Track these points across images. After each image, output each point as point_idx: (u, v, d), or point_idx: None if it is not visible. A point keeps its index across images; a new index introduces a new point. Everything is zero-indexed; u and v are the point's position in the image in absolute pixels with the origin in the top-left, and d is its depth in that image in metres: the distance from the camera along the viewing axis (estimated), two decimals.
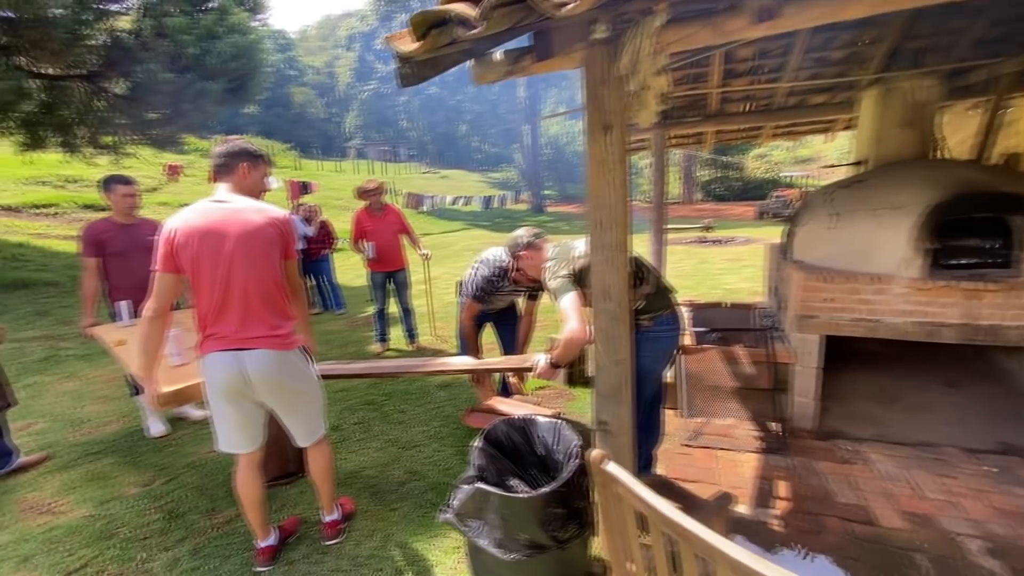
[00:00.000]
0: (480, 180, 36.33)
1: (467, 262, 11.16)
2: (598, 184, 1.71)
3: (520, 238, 2.29)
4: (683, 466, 2.71)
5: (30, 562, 2.14)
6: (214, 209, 1.78)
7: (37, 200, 12.49)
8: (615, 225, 1.73)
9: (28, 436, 3.35)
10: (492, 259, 2.88)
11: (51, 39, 7.16)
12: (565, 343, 1.93)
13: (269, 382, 1.83)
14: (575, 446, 1.76)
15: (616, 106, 1.67)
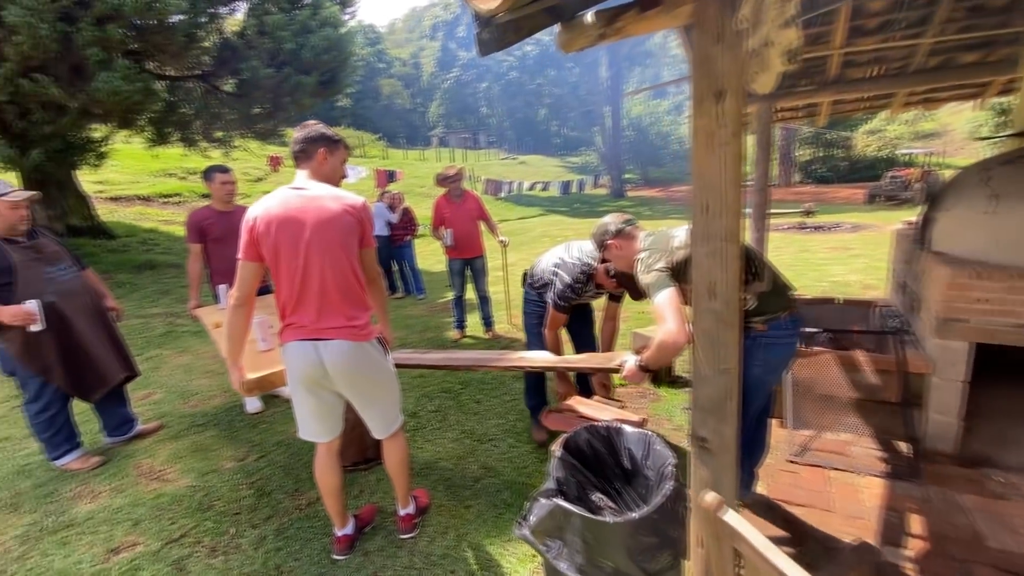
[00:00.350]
0: (558, 165, 35.82)
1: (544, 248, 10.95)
2: (706, 162, 1.45)
3: (608, 226, 2.07)
4: (788, 486, 2.39)
5: (140, 526, 2.32)
6: (292, 197, 1.75)
7: (165, 190, 14.03)
8: (726, 211, 1.47)
9: (147, 405, 3.70)
10: (572, 263, 2.58)
11: (171, 43, 7.88)
12: (659, 346, 1.69)
13: (345, 373, 1.80)
14: (669, 465, 1.54)
15: (731, 68, 1.40)
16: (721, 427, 1.63)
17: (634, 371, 1.90)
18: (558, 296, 2.56)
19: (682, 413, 3.18)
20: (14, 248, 2.59)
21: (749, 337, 1.72)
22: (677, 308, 1.64)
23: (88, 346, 2.73)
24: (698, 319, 1.59)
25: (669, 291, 1.68)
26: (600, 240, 2.08)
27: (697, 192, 1.51)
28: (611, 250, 2.06)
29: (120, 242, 9.41)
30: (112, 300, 3.06)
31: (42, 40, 5.90)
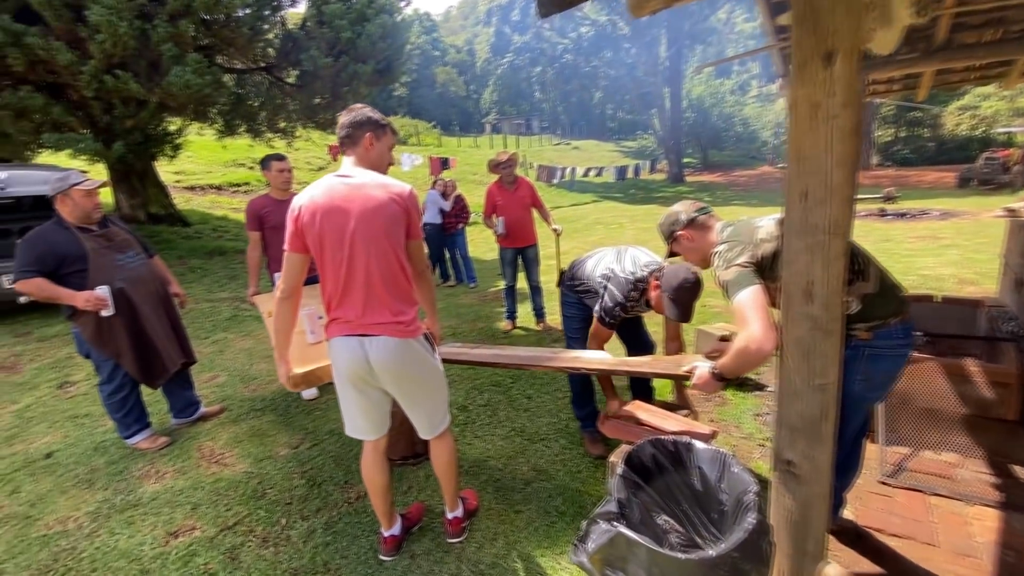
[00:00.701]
0: (613, 150, 34.85)
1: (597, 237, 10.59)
2: (809, 139, 1.22)
3: (679, 214, 1.83)
4: (881, 512, 2.10)
5: (198, 511, 2.37)
6: (337, 185, 1.67)
7: (235, 179, 14.78)
8: (832, 197, 1.23)
9: (212, 388, 3.84)
10: (624, 277, 2.32)
11: (238, 36, 8.16)
12: (740, 352, 1.46)
13: (390, 371, 1.71)
14: (750, 493, 1.34)
15: (845, 23, 1.15)
16: (813, 451, 1.40)
17: (707, 379, 1.68)
18: (605, 312, 2.32)
19: (752, 420, 2.91)
20: (87, 236, 2.70)
21: (850, 347, 1.47)
22: (763, 309, 1.41)
23: (153, 333, 2.83)
24: (790, 325, 1.36)
25: (753, 289, 1.44)
26: (669, 231, 1.85)
27: (794, 175, 1.28)
28: (681, 242, 1.83)
29: (194, 229, 9.98)
30: (177, 287, 3.15)
31: (121, 37, 6.24)
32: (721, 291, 1.56)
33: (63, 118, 6.89)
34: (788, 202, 1.31)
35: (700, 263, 1.84)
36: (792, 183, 1.28)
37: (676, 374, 1.87)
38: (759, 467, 2.46)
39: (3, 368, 4.24)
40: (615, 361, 2.12)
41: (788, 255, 1.33)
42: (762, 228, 1.58)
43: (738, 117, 30.11)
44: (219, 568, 2.01)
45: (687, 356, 2.02)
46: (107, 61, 6.49)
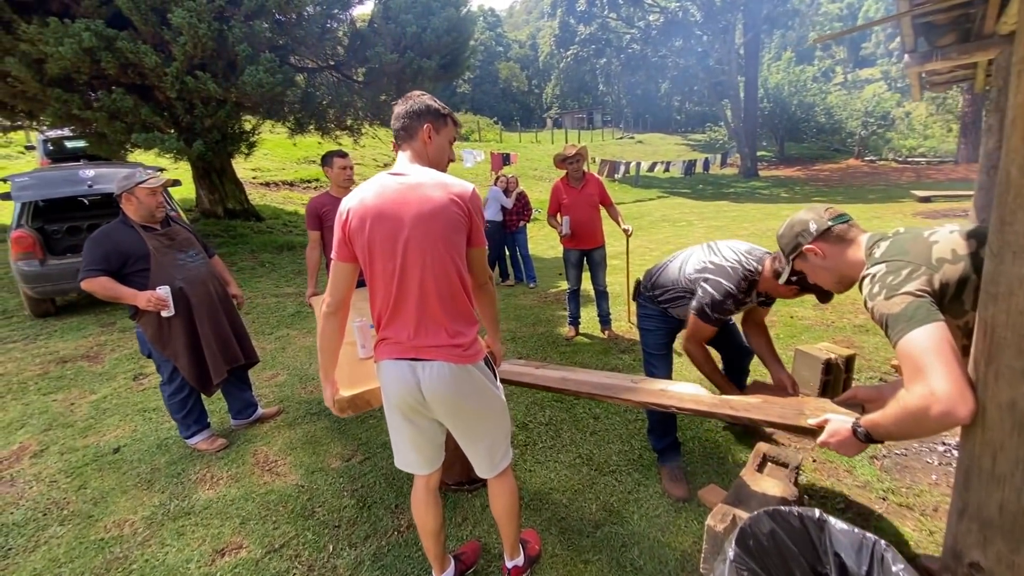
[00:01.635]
0: (680, 143, 33.34)
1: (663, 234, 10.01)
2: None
3: (807, 223, 1.44)
4: None
5: (247, 526, 2.26)
6: (389, 184, 1.43)
7: (306, 176, 15.37)
8: None
9: (272, 387, 3.81)
10: (730, 266, 2.02)
11: (308, 35, 8.33)
12: (912, 414, 1.05)
13: (446, 401, 1.47)
14: None
15: None
16: (1020, 557, 1.00)
17: (847, 438, 1.28)
18: (710, 307, 2.02)
19: (869, 464, 2.43)
20: (151, 235, 2.67)
21: None
22: (952, 355, 1.01)
23: (204, 339, 2.76)
24: (997, 381, 0.97)
25: (935, 327, 1.04)
26: (793, 244, 1.47)
27: (1018, 169, 0.89)
28: (809, 259, 1.44)
29: (267, 224, 10.39)
30: (236, 288, 3.10)
31: (201, 39, 6.48)
32: (881, 329, 1.17)
33: (151, 118, 7.29)
34: (1005, 209, 0.92)
35: (834, 287, 1.44)
36: (1015, 182, 0.90)
37: (799, 426, 1.48)
38: (883, 527, 2.02)
39: (87, 358, 4.46)
40: (714, 401, 1.75)
41: (999, 285, 0.94)
42: (940, 243, 1.18)
43: (821, 107, 27.72)
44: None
45: (811, 401, 1.62)
46: (188, 62, 6.77)
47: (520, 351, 4.29)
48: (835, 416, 1.38)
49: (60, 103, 6.78)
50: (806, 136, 29.27)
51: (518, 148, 24.47)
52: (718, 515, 1.59)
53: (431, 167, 1.51)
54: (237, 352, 2.96)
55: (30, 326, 5.28)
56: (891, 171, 22.89)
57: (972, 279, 1.09)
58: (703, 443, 2.72)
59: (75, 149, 10.41)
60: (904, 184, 18.24)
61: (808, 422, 1.45)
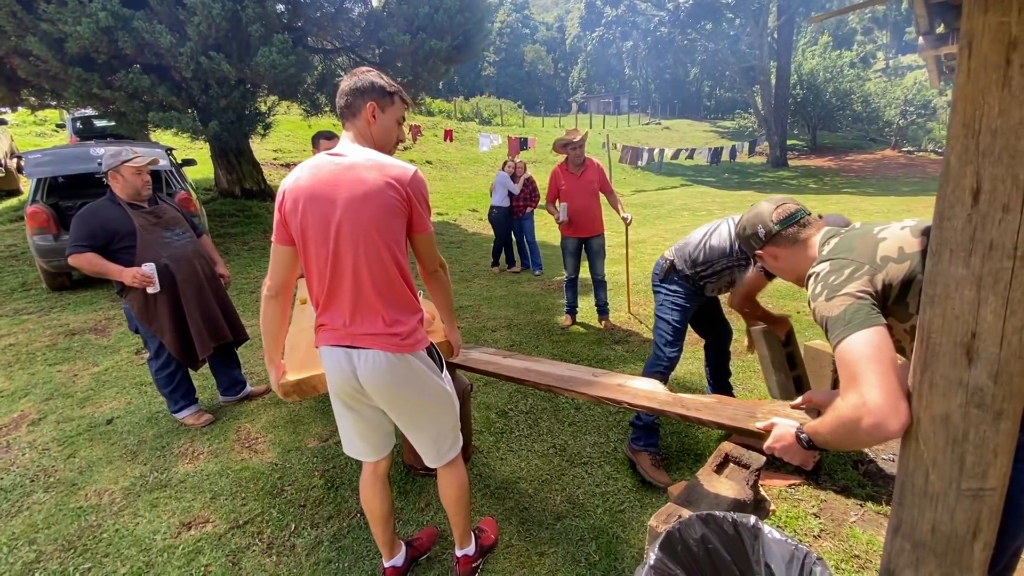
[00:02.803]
0: (708, 130, 32.39)
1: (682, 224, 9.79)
2: (994, 98, 0.74)
3: (756, 227, 1.34)
4: None
5: (216, 501, 2.30)
6: (324, 165, 1.39)
7: None
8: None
9: (262, 365, 3.85)
10: None
11: (323, 16, 8.31)
12: (844, 424, 0.97)
13: (383, 391, 1.44)
14: None
15: None
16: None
17: (790, 443, 1.21)
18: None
19: (852, 469, 2.33)
20: (137, 213, 2.71)
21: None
22: (888, 364, 0.93)
23: (189, 316, 2.80)
24: (930, 393, 0.89)
25: (872, 333, 0.96)
26: (746, 247, 1.39)
27: (959, 160, 0.80)
28: (767, 262, 1.36)
29: None
30: (223, 267, 3.13)
31: (215, 19, 6.51)
32: (823, 330, 1.08)
33: (167, 98, 7.41)
34: (944, 202, 0.83)
35: (796, 283, 1.35)
36: (954, 172, 0.81)
37: (747, 428, 1.41)
38: (855, 534, 1.94)
39: (95, 331, 4.61)
40: (668, 398, 1.68)
41: (936, 287, 0.85)
42: (888, 240, 1.08)
43: (858, 94, 26.44)
44: (218, 573, 1.90)
45: (765, 404, 1.54)
46: (203, 43, 6.82)
47: (514, 339, 4.25)
48: (781, 420, 1.31)
49: (81, 82, 6.93)
50: (841, 125, 28.05)
51: (540, 133, 24.16)
52: (662, 515, 1.53)
53: (376, 148, 1.46)
54: (224, 329, 2.99)
55: (46, 299, 5.48)
56: (929, 163, 21.85)
57: (918, 279, 1.00)
58: (681, 437, 2.65)
59: (103, 128, 10.68)
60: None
61: (756, 426, 1.37)
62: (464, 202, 13.05)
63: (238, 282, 5.74)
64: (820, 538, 1.92)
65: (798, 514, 2.04)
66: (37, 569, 1.96)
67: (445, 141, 17.87)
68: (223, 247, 7.50)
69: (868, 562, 1.80)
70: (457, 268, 6.96)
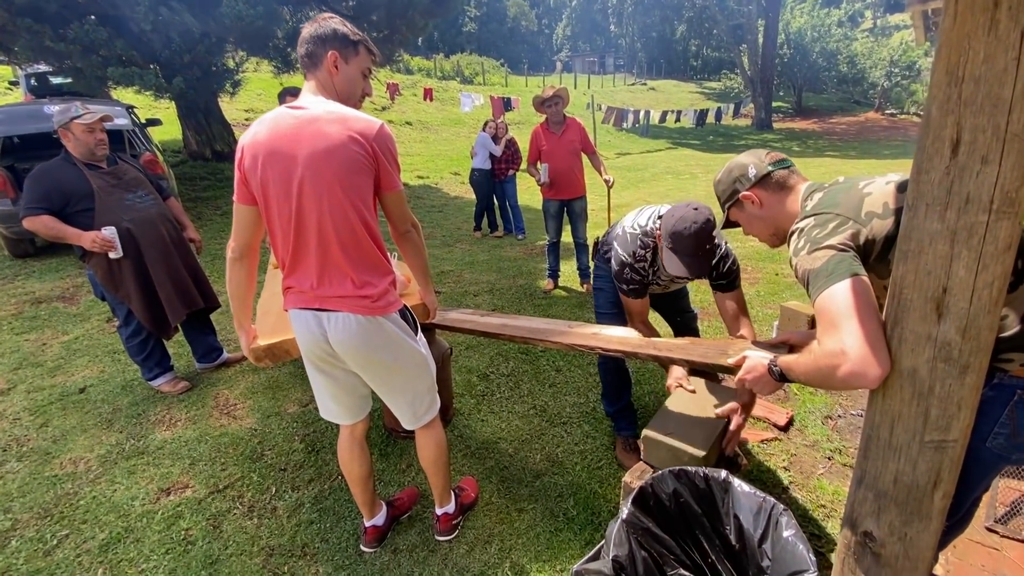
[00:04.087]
0: (694, 91, 31.91)
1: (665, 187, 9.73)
2: (979, 44, 0.70)
3: (746, 167, 1.29)
4: (985, 573, 1.61)
5: (196, 467, 2.29)
6: (284, 119, 1.31)
7: None
8: (1008, 151, 0.73)
9: None
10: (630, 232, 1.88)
11: None
12: (820, 367, 0.95)
13: (354, 354, 1.42)
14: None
15: None
16: (909, 528, 0.96)
17: (761, 374, 1.21)
18: (616, 278, 1.94)
19: (821, 425, 2.41)
20: (95, 174, 2.57)
21: (993, 385, 0.97)
22: (869, 313, 0.91)
23: (157, 281, 2.71)
24: (900, 348, 0.90)
25: (852, 283, 0.94)
26: (729, 190, 1.34)
27: (940, 110, 0.77)
28: (746, 207, 1.32)
29: None
30: (193, 231, 3.02)
31: None
32: (803, 286, 1.07)
33: (126, 52, 6.97)
34: (922, 155, 0.81)
35: (768, 239, 1.33)
36: (934, 123, 0.78)
37: (719, 364, 1.41)
38: (821, 486, 2.01)
39: (63, 299, 4.46)
40: (641, 341, 1.68)
41: (911, 241, 0.84)
42: (873, 195, 1.06)
43: (844, 54, 26.12)
44: (199, 536, 1.91)
45: (737, 342, 1.55)
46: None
47: (496, 303, 4.24)
48: (753, 353, 1.31)
49: (31, 34, 6.45)
50: (826, 87, 27.83)
51: (524, 93, 23.52)
52: (636, 472, 1.56)
53: (340, 101, 1.38)
54: (195, 296, 2.91)
55: (8, 266, 5.27)
56: (911, 126, 21.94)
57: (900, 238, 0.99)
58: (659, 397, 2.70)
59: (60, 85, 10.07)
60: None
61: (728, 360, 1.38)
62: (445, 165, 12.75)
63: (212, 247, 5.57)
64: (789, 490, 2.00)
65: (769, 468, 2.11)
66: (13, 537, 1.95)
67: (425, 101, 17.31)
68: (195, 212, 7.26)
69: (833, 511, 1.88)
70: (439, 233, 6.86)
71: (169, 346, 3.14)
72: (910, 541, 0.96)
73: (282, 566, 1.76)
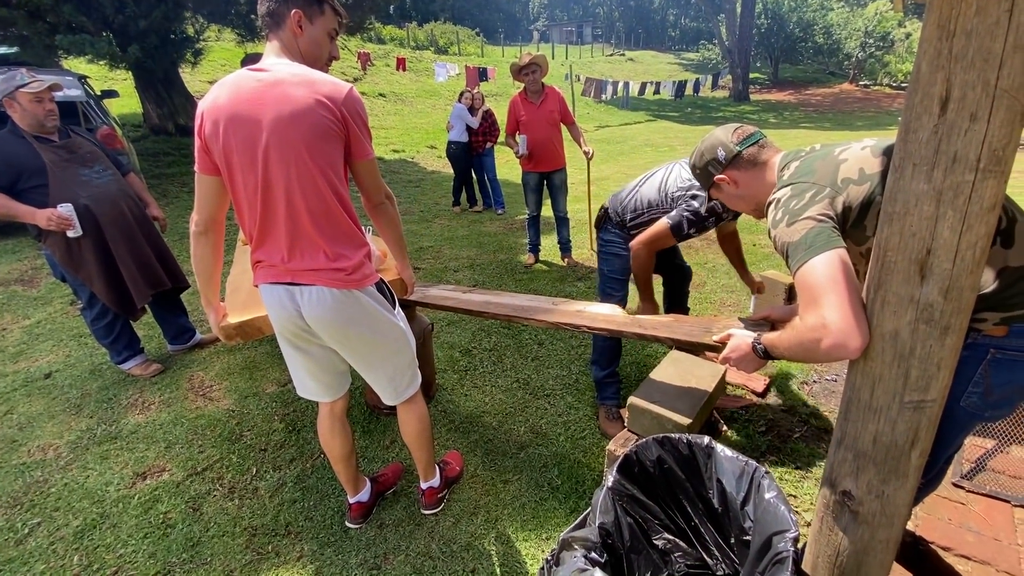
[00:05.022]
0: (673, 62, 31.65)
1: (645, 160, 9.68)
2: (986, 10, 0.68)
3: (716, 151, 1.27)
4: (952, 526, 1.69)
5: (172, 450, 2.24)
6: (246, 82, 1.23)
7: None
8: (997, 107, 0.71)
9: None
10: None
11: None
12: (803, 341, 0.96)
13: (330, 328, 1.37)
14: (787, 541, 0.96)
15: None
16: (887, 487, 0.98)
17: (746, 352, 1.23)
18: (690, 222, 1.86)
19: (798, 389, 2.47)
20: (46, 148, 2.41)
21: (967, 345, 0.99)
22: (849, 285, 0.92)
23: (120, 261, 2.59)
24: (882, 311, 0.90)
25: (833, 255, 0.94)
26: (704, 176, 1.32)
27: (930, 66, 0.76)
28: (724, 190, 1.31)
29: None
30: (157, 208, 2.88)
31: None
32: (783, 258, 1.06)
33: (76, 18, 6.52)
34: (910, 114, 0.79)
35: (753, 213, 1.32)
36: (924, 80, 0.76)
37: (703, 342, 1.43)
38: (798, 448, 2.07)
39: (22, 282, 4.26)
40: (626, 319, 1.69)
41: (896, 204, 0.83)
42: (848, 161, 1.04)
43: (820, 24, 26.13)
44: (179, 519, 1.87)
45: (720, 320, 1.57)
46: None
47: (477, 278, 4.20)
48: (738, 332, 1.32)
49: None
50: (803, 57, 27.89)
51: (500, 63, 22.97)
52: (620, 440, 1.58)
53: (305, 64, 1.29)
54: (161, 275, 2.80)
55: None
56: (884, 97, 22.22)
57: (877, 201, 0.98)
58: (640, 368, 2.73)
59: (6, 55, 9.41)
60: (895, 111, 17.77)
61: (712, 338, 1.40)
62: (421, 138, 12.46)
63: (179, 226, 5.37)
64: (768, 453, 2.05)
65: (748, 433, 2.15)
66: None
67: (398, 71, 16.77)
68: (160, 189, 6.96)
69: (808, 473, 1.94)
70: (416, 208, 6.73)
71: (138, 328, 3.04)
72: (887, 499, 0.99)
73: (266, 545, 1.74)
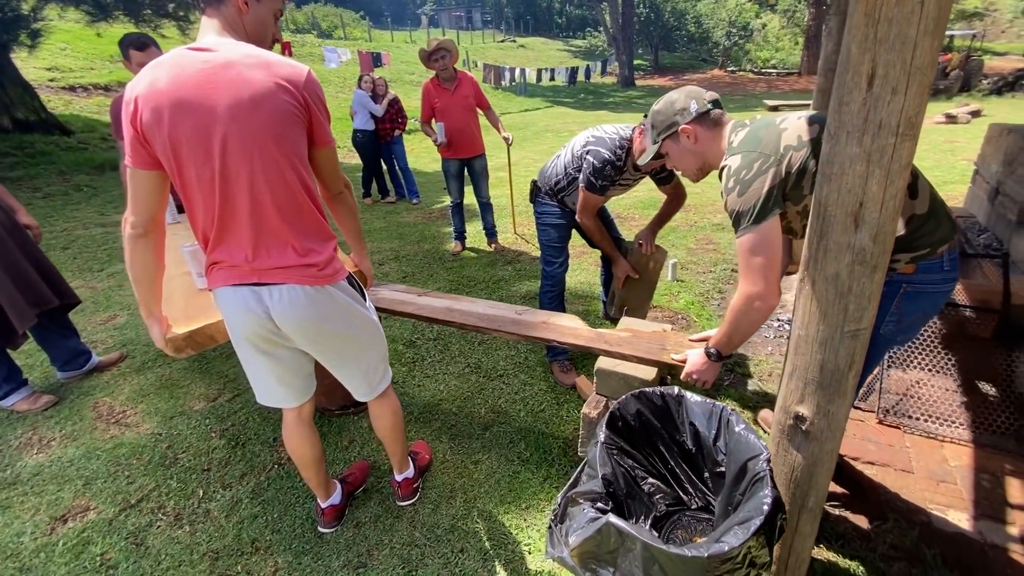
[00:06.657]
0: (562, 49, 32.63)
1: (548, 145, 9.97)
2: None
3: (689, 102, 1.36)
4: (855, 438, 2.03)
5: (92, 487, 1.98)
6: (188, 64, 1.11)
7: (124, 78, 12.56)
8: (911, 82, 0.88)
9: (109, 331, 3.27)
10: (609, 136, 2.12)
11: None
12: (739, 314, 1.21)
13: (305, 328, 1.30)
14: (762, 462, 1.11)
15: None
16: (831, 405, 1.17)
17: (704, 362, 1.46)
18: (593, 174, 2.12)
19: None
20: None
21: (886, 283, 1.20)
22: (776, 253, 1.16)
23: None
24: (824, 258, 1.06)
25: (769, 226, 1.17)
26: (668, 122, 1.41)
27: (859, 48, 0.91)
28: (680, 141, 1.41)
29: (78, 138, 8.47)
30: (27, 216, 2.48)
31: None
32: (732, 221, 1.22)
33: None
34: (843, 89, 0.94)
35: (694, 174, 1.47)
36: (854, 60, 0.91)
37: (663, 360, 1.62)
38: (728, 394, 2.33)
39: None
40: (591, 335, 1.83)
41: (833, 166, 0.99)
42: (789, 130, 1.22)
43: (691, 15, 28.47)
44: (120, 557, 1.68)
45: (671, 336, 1.80)
46: None
47: (405, 270, 4.12)
48: (692, 351, 1.56)
49: None
50: (679, 45, 30.17)
51: (392, 48, 22.16)
52: (592, 403, 1.70)
53: (249, 42, 1.20)
54: (46, 293, 2.42)
55: None
56: (748, 82, 24.74)
57: (811, 164, 1.16)
58: None
59: None
60: (758, 94, 19.87)
61: (672, 357, 1.62)
62: None
63: (48, 237, 4.63)
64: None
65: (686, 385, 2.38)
66: None
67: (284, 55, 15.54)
68: None
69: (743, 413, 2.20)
70: None
71: (16, 356, 2.61)
72: (832, 416, 1.18)
73: (233, 566, 1.63)
